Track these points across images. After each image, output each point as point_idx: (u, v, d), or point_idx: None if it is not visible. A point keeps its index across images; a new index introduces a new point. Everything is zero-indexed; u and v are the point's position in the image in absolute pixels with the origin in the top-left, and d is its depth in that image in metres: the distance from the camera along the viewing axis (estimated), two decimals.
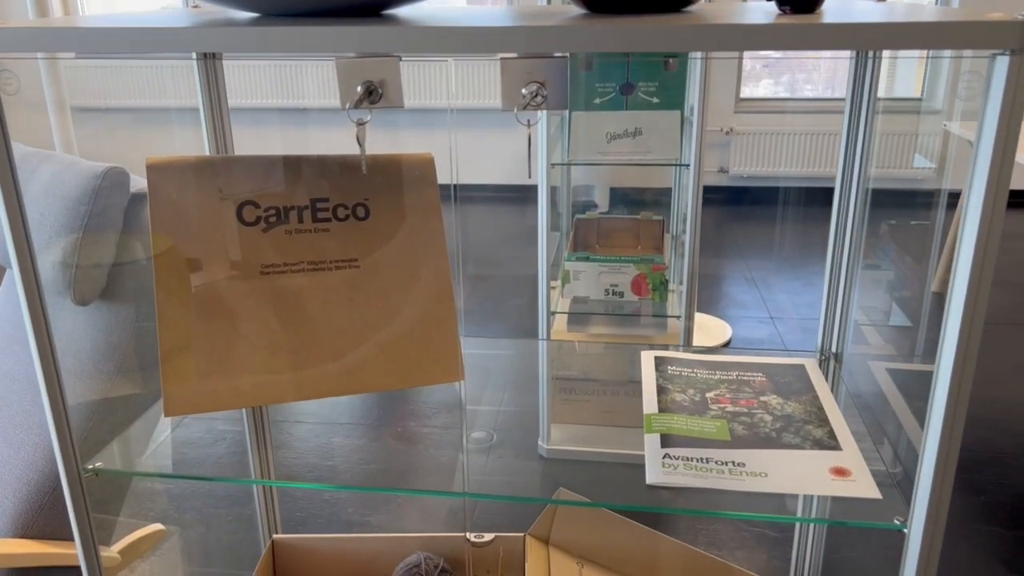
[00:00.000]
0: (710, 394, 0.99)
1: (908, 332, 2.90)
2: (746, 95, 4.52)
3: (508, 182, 4.76)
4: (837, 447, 0.88)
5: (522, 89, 0.63)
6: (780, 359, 1.09)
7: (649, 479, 0.82)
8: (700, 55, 1.70)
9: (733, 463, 0.84)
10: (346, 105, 0.65)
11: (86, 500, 0.86)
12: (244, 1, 0.70)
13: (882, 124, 4.38)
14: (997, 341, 2.79)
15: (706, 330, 2.89)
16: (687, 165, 1.81)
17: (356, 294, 0.92)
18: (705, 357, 1.09)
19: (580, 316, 2.23)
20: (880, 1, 0.89)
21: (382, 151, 0.95)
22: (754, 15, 0.66)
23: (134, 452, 1.10)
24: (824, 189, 4.57)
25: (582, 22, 0.62)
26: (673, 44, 0.58)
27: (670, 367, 1.06)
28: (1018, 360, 2.64)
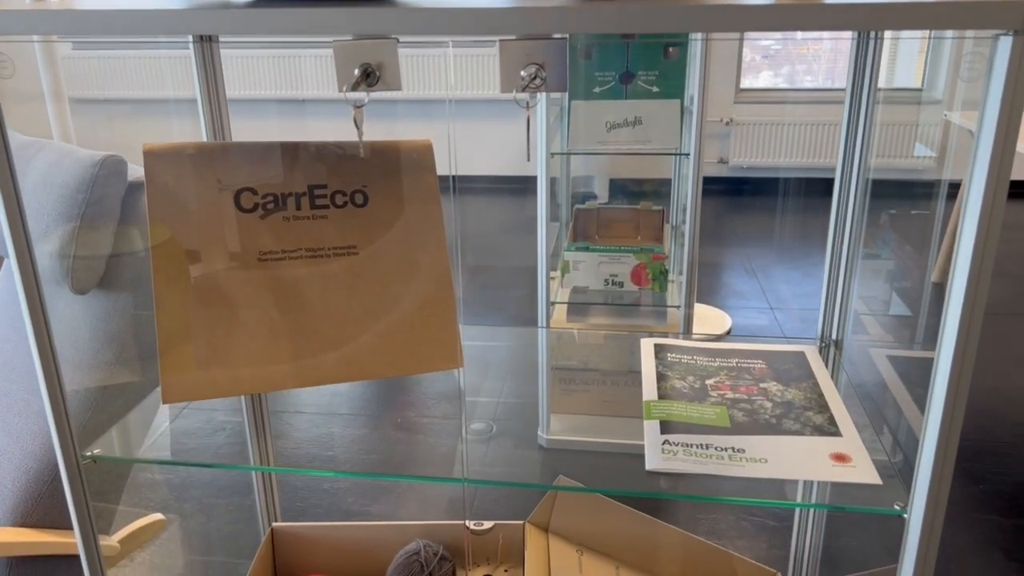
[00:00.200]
0: (710, 381, 0.99)
1: (908, 321, 2.90)
2: (746, 86, 4.51)
3: (507, 173, 4.75)
4: (837, 433, 0.87)
5: (521, 71, 0.62)
6: (780, 346, 1.08)
7: (649, 465, 0.82)
8: (700, 38, 1.69)
9: (733, 449, 0.84)
10: (343, 88, 0.65)
11: (84, 487, 0.86)
12: None
13: (882, 114, 4.37)
14: (996, 331, 2.79)
15: (706, 320, 2.89)
16: (687, 154, 1.80)
17: (355, 281, 0.91)
18: (705, 344, 1.09)
19: (580, 306, 2.22)
20: None
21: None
22: None
23: (133, 441, 1.10)
24: (824, 180, 4.57)
25: (581, 3, 0.62)
26: (673, 25, 0.57)
27: (670, 354, 1.06)
28: (1017, 350, 2.64)
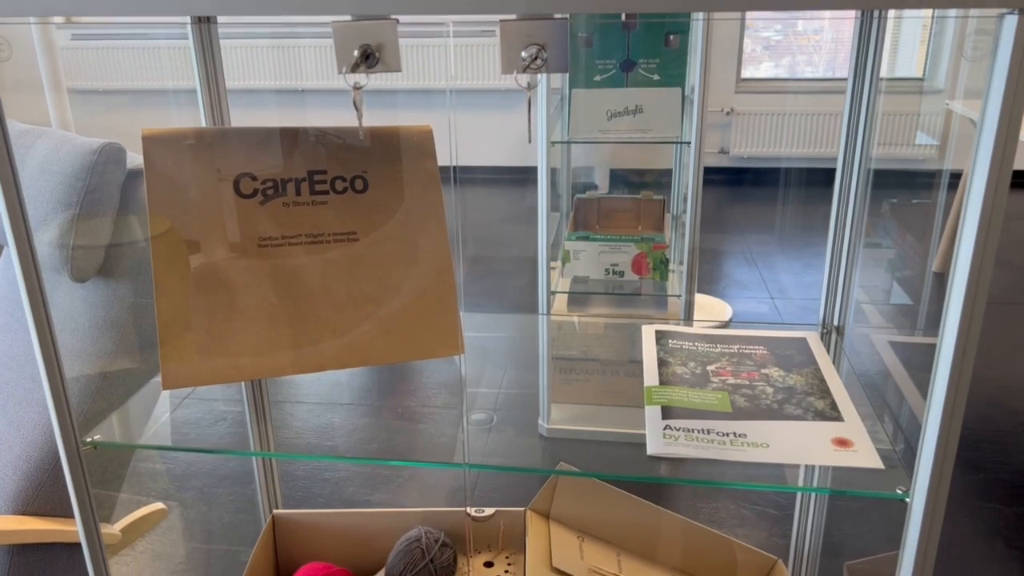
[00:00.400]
0: (711, 367, 0.99)
1: (909, 310, 2.89)
2: (747, 76, 4.49)
3: (507, 163, 4.74)
4: (839, 418, 0.87)
5: (522, 52, 0.62)
6: (782, 332, 1.08)
7: (650, 450, 0.81)
8: (701, 17, 1.68)
9: (734, 434, 0.84)
10: (343, 70, 0.64)
11: (85, 474, 0.86)
12: None
13: (884, 104, 4.35)
14: (998, 320, 2.78)
15: (707, 310, 2.89)
16: (688, 143, 1.80)
17: (355, 267, 0.91)
18: (706, 331, 1.09)
19: (580, 296, 2.22)
20: None
21: None
22: None
23: (134, 429, 1.10)
24: (825, 170, 4.56)
25: None
26: (675, 3, 0.57)
27: (671, 341, 1.06)
28: (1018, 340, 2.64)
